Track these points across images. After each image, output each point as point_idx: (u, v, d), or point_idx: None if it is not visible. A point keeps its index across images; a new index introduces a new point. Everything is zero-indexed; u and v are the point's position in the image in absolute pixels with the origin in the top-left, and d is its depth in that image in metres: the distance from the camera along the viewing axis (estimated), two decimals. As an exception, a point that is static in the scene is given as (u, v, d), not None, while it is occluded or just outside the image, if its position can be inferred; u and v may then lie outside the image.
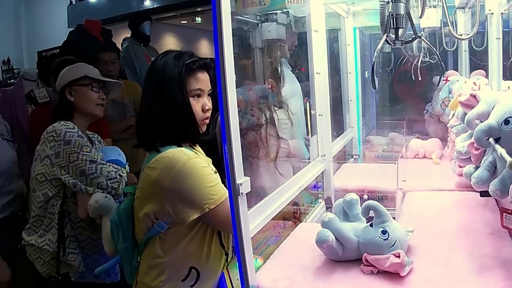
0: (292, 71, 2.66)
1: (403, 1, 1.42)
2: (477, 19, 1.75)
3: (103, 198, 1.59)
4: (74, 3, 7.56)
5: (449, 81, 2.48)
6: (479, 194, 1.62)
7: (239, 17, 2.47)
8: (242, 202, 1.08)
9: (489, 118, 1.12)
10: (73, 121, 1.74)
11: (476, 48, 2.48)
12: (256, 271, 1.25)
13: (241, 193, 1.06)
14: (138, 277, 1.30)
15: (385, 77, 3.65)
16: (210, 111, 1.31)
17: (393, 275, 1.18)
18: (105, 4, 7.18)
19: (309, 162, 1.96)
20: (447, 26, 1.72)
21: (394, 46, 1.51)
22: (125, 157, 1.84)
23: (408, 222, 1.51)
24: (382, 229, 1.25)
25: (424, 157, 2.57)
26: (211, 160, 1.37)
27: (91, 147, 1.69)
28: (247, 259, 1.09)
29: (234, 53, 1.04)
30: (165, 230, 1.24)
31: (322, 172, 2.01)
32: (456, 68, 2.91)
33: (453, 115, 1.81)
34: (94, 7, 7.28)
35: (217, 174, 1.28)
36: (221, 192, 1.21)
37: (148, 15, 4.07)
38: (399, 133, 2.92)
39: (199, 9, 7.17)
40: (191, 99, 1.26)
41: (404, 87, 3.53)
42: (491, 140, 1.08)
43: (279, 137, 2.28)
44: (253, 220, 1.28)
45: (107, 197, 1.61)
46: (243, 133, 2.02)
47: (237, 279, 1.22)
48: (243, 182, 1.06)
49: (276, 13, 2.50)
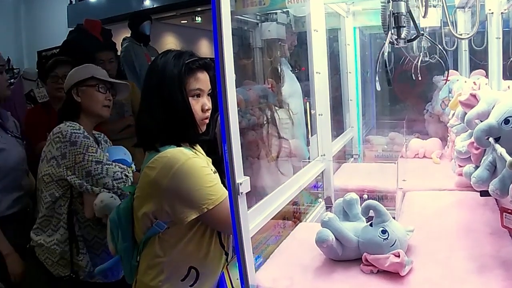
0: (292, 70, 2.66)
1: (404, 0, 1.42)
2: (477, 19, 1.75)
3: (108, 198, 1.60)
4: (74, 2, 7.56)
5: (449, 80, 2.48)
6: (479, 193, 1.61)
7: (239, 16, 2.47)
8: (242, 202, 1.08)
9: (489, 117, 1.12)
10: (79, 121, 1.74)
11: (476, 47, 2.48)
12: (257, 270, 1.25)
13: (241, 193, 1.05)
14: (137, 276, 1.30)
15: (385, 77, 3.64)
16: (209, 111, 1.31)
17: (393, 274, 1.18)
18: (105, 3, 7.18)
19: (309, 162, 1.95)
20: (447, 25, 1.72)
21: (397, 45, 1.50)
22: (131, 156, 1.84)
23: (408, 222, 1.51)
24: (382, 228, 1.25)
25: (424, 156, 2.57)
26: (211, 160, 1.37)
27: (97, 148, 1.70)
28: (247, 259, 1.09)
29: (234, 52, 1.03)
30: (164, 230, 1.24)
31: (322, 172, 2.01)
32: (456, 67, 2.91)
33: (453, 114, 1.81)
34: (94, 7, 7.28)
35: (216, 174, 1.28)
36: (219, 192, 1.21)
37: (148, 14, 4.07)
38: (399, 132, 2.92)
39: (199, 9, 7.17)
40: (190, 99, 1.26)
41: (404, 86, 3.52)
42: (491, 139, 1.08)
43: (280, 136, 2.28)
44: (253, 220, 1.28)
45: (112, 197, 1.62)
46: (243, 132, 2.02)
47: (237, 279, 1.22)
48: (243, 181, 1.06)
49: (276, 13, 2.50)
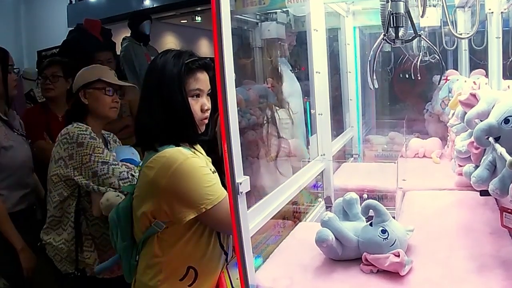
0: (292, 70, 2.66)
1: (402, 0, 1.42)
2: (477, 18, 1.75)
3: (114, 197, 1.62)
4: (74, 2, 7.53)
5: (449, 80, 2.48)
6: (479, 193, 1.62)
7: (239, 16, 2.47)
8: (242, 201, 1.07)
9: (489, 117, 1.12)
10: (87, 122, 1.76)
11: (476, 47, 2.48)
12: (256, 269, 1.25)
13: (241, 192, 1.05)
14: (136, 275, 1.31)
15: (385, 76, 3.64)
16: (209, 111, 1.31)
17: (393, 274, 1.18)
18: (104, 3, 7.16)
19: (308, 162, 1.95)
20: (447, 25, 1.72)
21: (394, 45, 1.50)
22: (139, 156, 1.86)
23: (408, 221, 1.51)
24: (381, 228, 1.25)
25: (424, 156, 2.57)
26: (210, 159, 1.37)
27: (103, 149, 1.71)
28: (246, 259, 1.09)
29: (234, 52, 1.03)
30: (163, 230, 1.24)
31: (322, 172, 2.01)
32: (456, 67, 2.91)
33: (453, 114, 1.81)
34: (93, 7, 7.26)
35: (216, 173, 1.28)
36: (218, 192, 1.21)
37: (147, 14, 4.07)
38: (399, 132, 2.92)
39: (198, 8, 7.15)
40: (190, 99, 1.26)
41: (404, 86, 3.52)
42: (491, 139, 1.08)
43: (280, 136, 2.28)
44: (253, 219, 1.28)
45: (118, 195, 1.64)
46: (243, 132, 2.02)
47: (236, 279, 1.22)
48: (243, 181, 1.06)
49: (275, 12, 2.50)
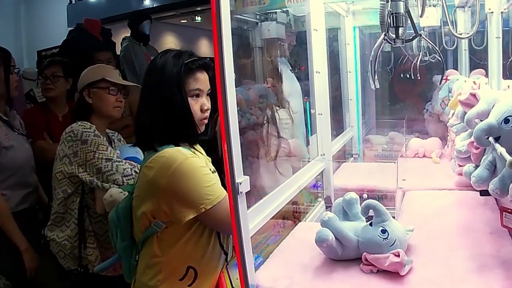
0: (292, 70, 2.66)
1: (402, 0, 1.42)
2: (477, 18, 1.75)
3: (118, 193, 1.63)
4: (73, 2, 7.52)
5: (448, 80, 2.48)
6: (479, 193, 1.62)
7: (239, 16, 2.47)
8: (242, 201, 1.07)
9: (489, 117, 1.12)
10: (91, 121, 1.78)
11: (476, 47, 2.48)
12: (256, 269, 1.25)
13: (240, 192, 1.05)
14: (136, 275, 1.31)
15: (385, 76, 3.64)
16: (208, 111, 1.31)
17: (393, 274, 1.18)
18: (104, 3, 7.15)
19: (308, 161, 1.95)
20: (447, 25, 1.72)
21: (394, 45, 1.50)
22: (142, 154, 1.87)
23: (407, 221, 1.51)
24: (381, 228, 1.25)
25: (424, 156, 2.57)
26: (210, 159, 1.37)
27: (107, 146, 1.73)
28: (246, 258, 1.09)
29: (234, 52, 1.03)
30: (163, 229, 1.23)
31: (322, 171, 2.01)
32: (456, 67, 2.91)
33: (453, 114, 1.81)
34: (93, 6, 7.25)
35: (215, 173, 1.28)
36: (217, 192, 1.21)
37: (147, 14, 4.06)
38: (399, 132, 2.92)
39: (198, 8, 7.14)
40: (189, 99, 1.26)
41: (404, 86, 3.52)
42: (490, 139, 1.07)
43: (280, 136, 2.28)
44: (253, 219, 1.28)
45: (122, 192, 1.65)
46: (242, 132, 2.02)
47: (236, 278, 1.22)
48: (243, 181, 1.06)
49: (275, 12, 2.50)
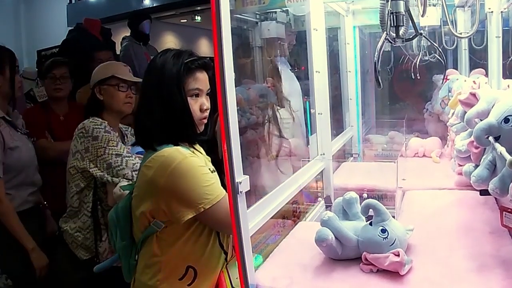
0: (291, 70, 2.66)
1: (403, -1, 1.41)
2: (477, 18, 1.75)
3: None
4: (73, 2, 7.52)
5: (448, 79, 2.47)
6: (478, 192, 1.62)
7: (239, 15, 2.47)
8: (242, 201, 1.07)
9: (488, 116, 1.11)
10: (103, 117, 1.84)
11: (475, 46, 2.47)
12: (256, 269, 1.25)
13: (240, 192, 1.05)
14: (135, 275, 1.31)
15: (384, 76, 3.64)
16: (208, 111, 1.31)
17: (393, 273, 1.18)
18: (104, 3, 7.16)
19: (308, 161, 1.95)
20: (447, 24, 1.72)
21: (394, 44, 1.50)
22: None
23: (407, 221, 1.51)
24: (381, 227, 1.25)
25: (424, 155, 2.57)
26: (210, 159, 1.37)
27: (117, 142, 1.78)
28: (246, 258, 1.09)
29: (233, 51, 1.03)
30: (162, 229, 1.24)
31: (322, 171, 2.01)
32: (456, 66, 2.91)
33: (453, 113, 1.81)
34: (93, 6, 7.25)
35: (215, 173, 1.27)
36: (216, 192, 1.21)
37: (147, 14, 4.07)
38: (398, 131, 2.92)
39: (198, 8, 7.14)
40: (189, 98, 1.26)
41: (404, 85, 3.52)
42: (490, 138, 1.07)
43: (281, 135, 2.28)
44: (253, 219, 1.28)
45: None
46: (242, 132, 2.02)
47: (236, 278, 1.22)
48: (242, 180, 1.05)
49: (275, 12, 2.50)
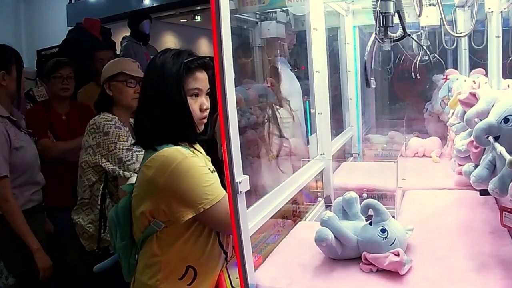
0: (291, 69, 2.66)
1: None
2: (474, 17, 1.75)
3: None
4: (73, 1, 7.52)
5: (448, 79, 2.47)
6: (478, 192, 1.62)
7: (239, 15, 2.47)
8: (241, 201, 1.07)
9: (488, 116, 1.11)
10: (113, 112, 1.89)
11: (475, 46, 2.48)
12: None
13: (240, 192, 1.05)
14: (135, 275, 1.30)
15: (384, 76, 3.64)
16: (207, 110, 1.30)
17: (392, 273, 1.18)
18: (104, 2, 7.15)
19: (308, 161, 1.95)
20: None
21: (382, 44, 1.51)
22: None
23: (407, 221, 1.51)
24: (381, 227, 1.25)
25: (424, 155, 2.57)
26: (209, 159, 1.37)
27: (128, 137, 1.82)
28: (246, 258, 1.09)
29: (233, 51, 1.03)
30: (162, 229, 1.23)
31: (322, 171, 2.01)
32: (455, 66, 2.91)
33: (453, 113, 1.81)
34: (93, 6, 7.24)
35: (215, 173, 1.27)
36: (216, 192, 1.21)
37: (147, 13, 4.07)
38: (398, 131, 2.92)
39: (198, 8, 7.14)
40: (188, 98, 1.25)
41: (404, 85, 3.52)
42: (490, 138, 1.07)
43: (281, 135, 2.28)
44: (252, 219, 1.28)
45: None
46: (242, 131, 2.02)
47: (236, 278, 1.22)
48: (242, 180, 1.05)
49: (275, 12, 2.50)
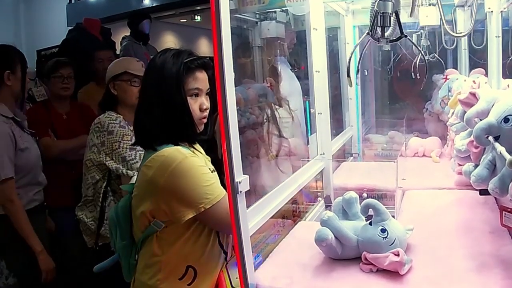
0: (291, 69, 2.65)
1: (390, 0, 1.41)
2: (474, 16, 1.75)
3: None
4: (73, 1, 7.52)
5: (448, 79, 2.47)
6: (478, 192, 1.61)
7: (238, 15, 2.47)
8: (241, 201, 1.07)
9: (488, 116, 1.11)
10: (118, 111, 1.91)
11: (475, 46, 2.47)
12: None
13: (240, 191, 1.05)
14: (135, 275, 1.30)
15: (384, 76, 3.64)
16: (207, 110, 1.30)
17: (392, 273, 1.18)
18: (104, 2, 7.15)
19: (308, 161, 1.95)
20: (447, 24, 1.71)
21: (379, 44, 1.50)
22: None
23: (407, 221, 1.51)
24: (381, 227, 1.25)
25: (424, 155, 2.57)
26: (209, 158, 1.37)
27: (131, 136, 1.82)
28: (246, 258, 1.09)
29: (233, 51, 1.03)
30: (162, 229, 1.23)
31: (322, 171, 2.01)
32: (455, 66, 2.91)
33: (453, 113, 1.81)
34: (93, 6, 7.24)
35: (215, 173, 1.27)
36: (217, 191, 1.21)
37: (147, 13, 4.07)
38: (398, 131, 2.92)
39: (198, 8, 7.14)
40: (188, 98, 1.26)
41: (404, 85, 3.52)
42: (490, 138, 1.07)
43: (281, 135, 2.28)
44: (252, 219, 1.28)
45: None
46: (242, 131, 2.02)
47: (236, 278, 1.22)
48: (242, 180, 1.06)
49: (275, 12, 2.50)
